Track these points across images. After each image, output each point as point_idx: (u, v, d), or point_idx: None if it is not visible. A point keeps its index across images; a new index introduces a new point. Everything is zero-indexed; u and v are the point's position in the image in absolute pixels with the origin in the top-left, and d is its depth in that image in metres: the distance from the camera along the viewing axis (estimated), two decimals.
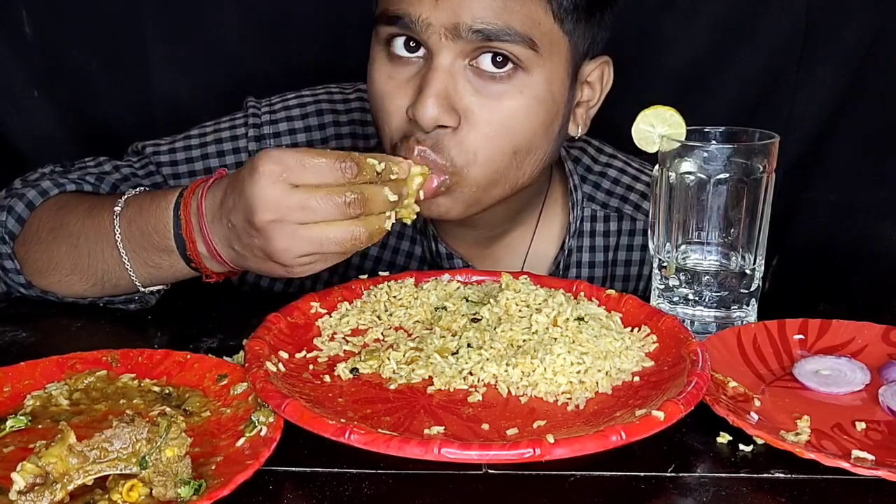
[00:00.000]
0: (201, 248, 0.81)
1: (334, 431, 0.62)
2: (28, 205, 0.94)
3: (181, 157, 1.06)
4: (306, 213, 0.72)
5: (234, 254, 0.79)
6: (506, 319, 0.80)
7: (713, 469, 0.65)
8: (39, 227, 0.93)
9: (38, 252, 0.92)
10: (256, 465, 0.60)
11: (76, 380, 0.74)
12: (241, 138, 1.07)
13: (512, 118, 0.86)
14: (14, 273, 0.93)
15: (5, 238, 0.93)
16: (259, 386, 0.68)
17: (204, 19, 1.37)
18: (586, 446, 0.61)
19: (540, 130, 0.88)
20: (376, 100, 0.89)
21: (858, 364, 0.78)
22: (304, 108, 1.08)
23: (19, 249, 0.93)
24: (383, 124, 0.89)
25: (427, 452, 0.60)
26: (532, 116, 0.87)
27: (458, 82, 0.84)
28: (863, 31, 1.35)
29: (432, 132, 0.84)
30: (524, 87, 0.85)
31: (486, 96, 0.85)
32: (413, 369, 0.75)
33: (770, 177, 0.85)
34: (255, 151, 1.03)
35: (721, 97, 1.41)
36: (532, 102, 0.86)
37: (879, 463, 0.64)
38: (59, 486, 0.57)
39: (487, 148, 0.86)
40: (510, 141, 0.87)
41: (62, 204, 0.94)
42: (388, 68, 0.87)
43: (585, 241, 1.09)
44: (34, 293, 0.93)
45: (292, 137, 1.07)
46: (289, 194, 0.72)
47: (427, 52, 0.85)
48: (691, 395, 0.67)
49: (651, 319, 0.82)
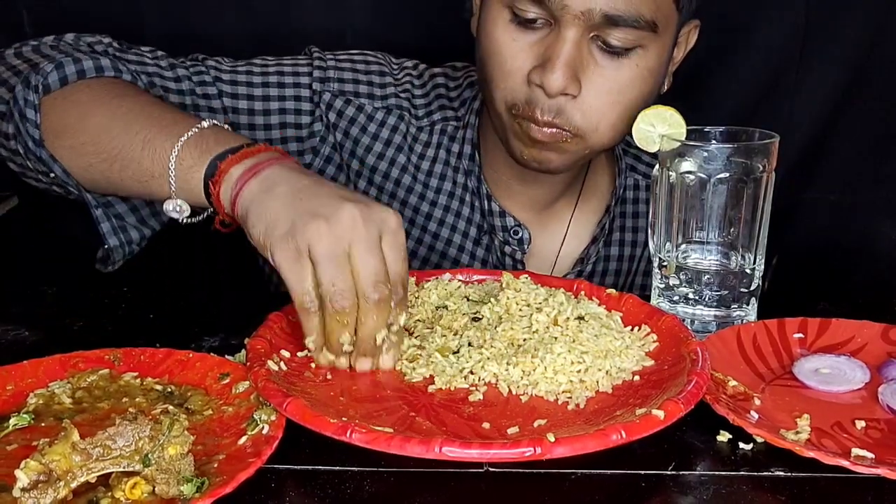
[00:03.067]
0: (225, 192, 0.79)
1: (336, 430, 0.62)
2: (80, 73, 0.90)
3: (242, 91, 1.04)
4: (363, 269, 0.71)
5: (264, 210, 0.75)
6: (506, 318, 0.80)
7: (713, 467, 0.65)
8: (78, 92, 0.89)
9: (65, 113, 0.88)
10: (258, 463, 0.61)
11: (79, 378, 0.74)
12: (304, 76, 1.07)
13: (628, 88, 0.93)
14: (32, 125, 0.87)
15: (38, 88, 0.88)
16: (261, 385, 0.68)
17: (204, 21, 1.37)
18: (587, 445, 0.61)
19: (648, 96, 0.96)
20: (495, 58, 0.94)
21: (858, 363, 0.79)
22: (369, 65, 1.10)
23: (45, 102, 0.88)
24: (499, 82, 0.95)
25: (428, 451, 0.60)
26: (644, 85, 0.94)
27: (582, 53, 0.90)
28: (863, 30, 1.35)
29: (554, 99, 0.91)
30: (640, 61, 0.92)
31: (605, 68, 0.92)
32: (414, 368, 0.75)
33: (770, 176, 0.86)
34: (320, 92, 1.06)
35: (721, 97, 1.41)
36: (646, 73, 0.93)
37: (879, 461, 0.64)
38: (62, 484, 0.57)
39: (605, 116, 0.93)
40: (625, 108, 0.94)
41: (112, 84, 0.91)
42: (512, 30, 0.92)
43: (628, 208, 1.15)
44: (39, 153, 0.87)
45: (355, 86, 1.08)
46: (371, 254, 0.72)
47: (555, 23, 0.90)
48: (691, 394, 0.67)
49: (651, 318, 0.83)
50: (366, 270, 0.71)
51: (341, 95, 1.07)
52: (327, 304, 0.71)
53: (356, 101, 1.08)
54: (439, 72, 1.14)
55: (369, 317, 0.72)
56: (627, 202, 1.15)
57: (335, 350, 0.74)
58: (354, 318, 0.72)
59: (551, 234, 1.12)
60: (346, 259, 0.71)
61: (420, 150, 1.10)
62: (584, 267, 1.12)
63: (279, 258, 0.72)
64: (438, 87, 1.12)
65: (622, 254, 1.15)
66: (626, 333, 0.80)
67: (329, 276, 0.70)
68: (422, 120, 1.10)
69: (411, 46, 1.19)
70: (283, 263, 0.72)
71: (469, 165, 1.09)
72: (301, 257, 0.71)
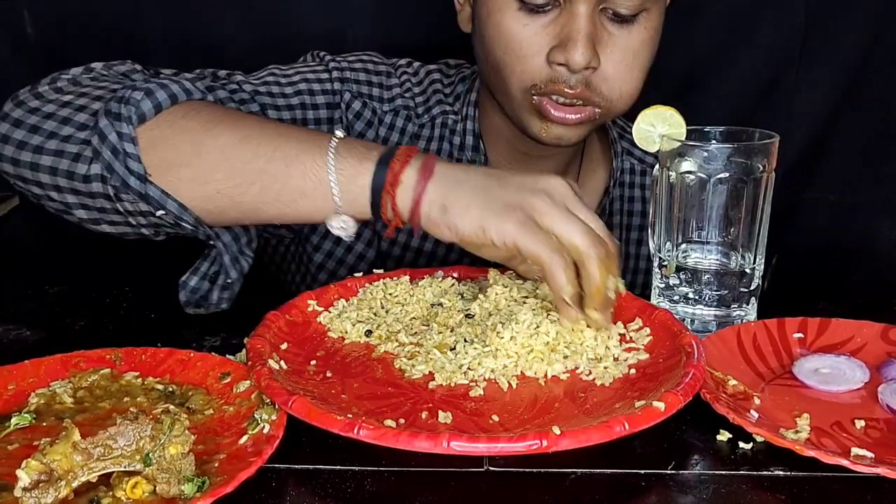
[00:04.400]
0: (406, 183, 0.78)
1: (343, 427, 0.62)
2: (171, 97, 0.83)
3: (276, 90, 1.02)
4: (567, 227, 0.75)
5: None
6: (495, 313, 0.81)
7: (713, 466, 0.65)
8: (180, 119, 0.82)
9: (177, 140, 0.81)
10: (259, 463, 0.61)
11: (80, 378, 0.74)
12: (324, 72, 1.07)
13: (641, 51, 0.97)
14: (134, 160, 0.79)
15: (132, 119, 0.80)
16: (264, 383, 0.68)
17: (205, 21, 1.37)
18: (591, 437, 0.61)
19: (653, 57, 1.00)
20: (510, 45, 0.96)
21: (858, 362, 0.79)
22: (377, 67, 1.11)
23: (143, 136, 0.81)
24: (515, 67, 0.96)
25: (436, 446, 0.60)
26: (653, 45, 0.99)
27: (596, 27, 0.93)
28: (862, 31, 1.36)
29: (579, 74, 0.94)
30: (647, 23, 0.96)
31: (619, 36, 0.95)
32: (413, 364, 0.75)
33: (770, 176, 0.86)
34: (341, 91, 1.06)
35: (721, 97, 1.41)
36: (653, 33, 0.98)
37: (878, 460, 0.64)
38: (63, 483, 0.57)
39: (626, 82, 0.97)
40: (640, 70, 0.98)
41: (210, 107, 0.86)
42: (521, 17, 0.95)
43: (626, 192, 1.18)
44: (143, 191, 0.80)
45: (369, 88, 1.09)
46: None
47: (564, 2, 0.93)
48: (689, 385, 0.68)
49: (644, 313, 0.83)
50: (595, 225, 0.77)
51: (359, 97, 1.08)
52: (585, 252, 0.75)
53: (371, 103, 1.08)
54: (434, 68, 1.15)
55: (603, 269, 0.76)
56: (625, 185, 1.17)
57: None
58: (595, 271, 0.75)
59: None
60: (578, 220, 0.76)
61: (422, 146, 1.11)
62: None
63: (512, 228, 0.74)
64: (434, 82, 1.13)
65: (622, 236, 1.17)
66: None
67: (577, 233, 0.75)
68: (422, 117, 1.11)
69: (411, 46, 1.20)
70: (519, 231, 0.74)
71: (473, 156, 1.10)
72: (532, 225, 0.75)
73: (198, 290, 0.87)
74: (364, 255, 1.11)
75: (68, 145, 0.82)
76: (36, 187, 0.84)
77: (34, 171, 0.83)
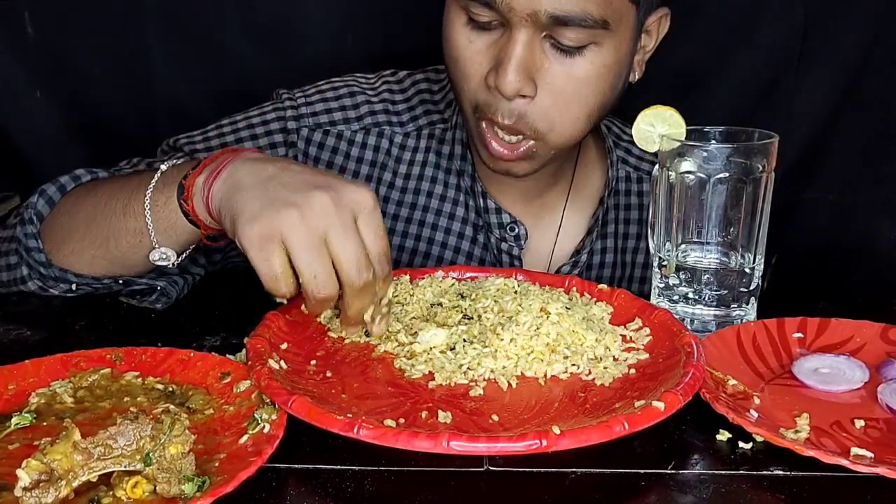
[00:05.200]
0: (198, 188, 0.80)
1: (343, 426, 0.62)
2: (59, 188, 0.95)
3: (216, 143, 1.07)
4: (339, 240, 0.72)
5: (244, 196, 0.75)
6: (496, 312, 0.81)
7: (713, 466, 0.65)
8: (64, 203, 0.94)
9: (58, 224, 0.93)
10: (259, 462, 0.61)
11: (80, 378, 0.74)
12: (274, 122, 1.09)
13: (585, 86, 0.93)
14: (36, 252, 0.92)
15: (34, 219, 0.93)
16: (264, 383, 0.68)
17: (206, 20, 1.37)
18: (591, 437, 0.62)
19: (609, 92, 0.96)
20: (455, 62, 0.95)
21: (857, 362, 0.79)
22: (337, 91, 1.11)
23: (43, 228, 0.93)
24: (462, 84, 0.96)
25: (436, 446, 0.60)
26: (602, 81, 0.93)
27: (535, 54, 0.90)
28: (862, 31, 1.35)
29: (512, 102, 0.91)
30: (595, 58, 0.91)
31: (560, 66, 0.91)
32: (413, 364, 0.76)
33: (769, 176, 0.86)
34: (297, 129, 1.08)
35: (721, 97, 1.41)
36: (602, 70, 0.92)
37: (878, 460, 0.64)
38: (63, 483, 0.57)
39: (564, 115, 0.93)
40: (584, 106, 0.94)
41: (93, 185, 0.95)
42: (468, 32, 0.93)
43: (621, 200, 1.16)
44: (52, 273, 0.92)
45: (329, 116, 1.10)
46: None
47: (507, 24, 0.90)
48: (689, 385, 0.68)
49: (644, 313, 0.83)
50: (345, 255, 0.71)
51: (318, 128, 1.09)
52: (310, 293, 0.72)
53: (334, 129, 1.09)
54: (421, 77, 1.14)
55: (355, 300, 0.73)
56: (620, 193, 1.15)
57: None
58: (338, 302, 0.74)
59: (545, 227, 1.13)
60: (324, 247, 0.71)
61: (408, 157, 1.10)
62: (580, 258, 1.12)
63: (245, 242, 0.71)
64: (422, 91, 1.13)
65: (618, 245, 1.15)
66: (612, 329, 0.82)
67: (308, 268, 0.71)
68: (406, 126, 1.11)
69: (412, 47, 1.20)
70: (250, 248, 0.71)
71: (461, 165, 1.10)
72: (269, 242, 0.71)
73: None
74: (424, 220, 1.11)
75: (10, 257, 0.95)
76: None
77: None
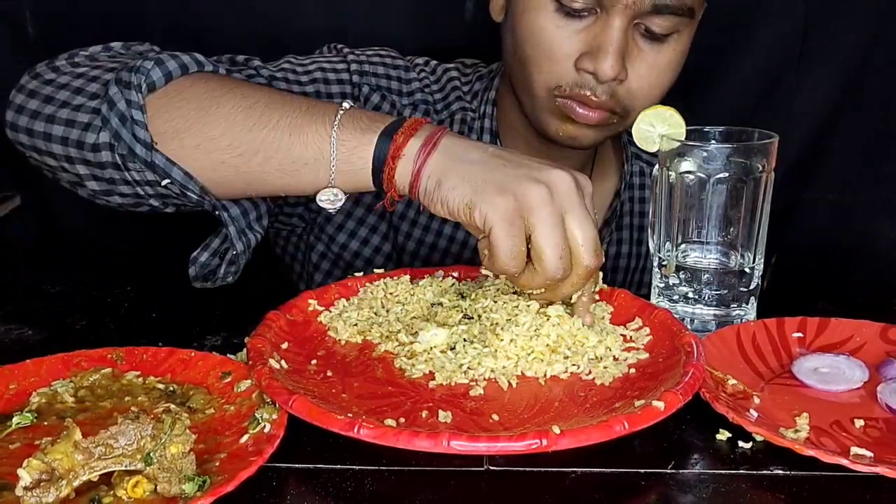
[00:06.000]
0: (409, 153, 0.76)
1: (343, 426, 0.62)
2: (182, 66, 0.83)
3: (292, 77, 1.03)
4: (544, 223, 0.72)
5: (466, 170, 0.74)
6: (495, 312, 0.81)
7: (712, 466, 0.65)
8: (188, 88, 0.82)
9: (175, 108, 0.80)
10: (260, 462, 0.61)
11: (81, 377, 0.74)
12: (343, 72, 1.07)
13: (667, 70, 0.99)
14: (141, 128, 0.78)
15: (142, 87, 0.79)
16: (265, 383, 0.68)
17: (206, 20, 1.37)
18: (591, 436, 0.62)
19: (677, 76, 1.02)
20: (541, 44, 0.97)
21: (857, 362, 0.79)
22: (395, 61, 1.12)
23: (151, 105, 0.80)
24: (543, 66, 0.98)
25: (436, 445, 0.61)
26: (678, 67, 1.00)
27: (628, 40, 0.95)
28: (861, 31, 1.36)
29: (605, 85, 0.95)
30: (677, 45, 0.98)
31: (648, 53, 0.97)
32: (413, 364, 0.76)
33: (769, 176, 0.86)
34: (360, 84, 1.07)
35: (721, 97, 1.41)
36: (680, 56, 1.00)
37: (878, 459, 0.64)
38: (64, 483, 0.57)
39: (647, 97, 0.98)
40: (662, 88, 1.00)
41: (219, 78, 0.85)
42: (558, 18, 0.95)
43: (636, 194, 1.19)
44: (149, 158, 0.79)
45: (388, 82, 1.10)
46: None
47: (601, 10, 0.93)
48: (689, 385, 0.68)
49: (644, 312, 0.83)
50: (584, 237, 0.73)
51: (378, 90, 1.08)
52: (550, 272, 0.72)
53: (390, 96, 1.09)
54: (451, 66, 1.16)
55: (581, 281, 0.75)
56: (635, 188, 1.19)
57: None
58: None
59: None
60: (563, 225, 0.73)
61: None
62: None
63: (494, 216, 0.71)
64: (452, 80, 1.14)
65: (633, 237, 1.18)
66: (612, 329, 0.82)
67: (556, 248, 0.72)
68: (441, 113, 1.12)
69: (412, 47, 1.20)
70: (500, 222, 0.71)
71: None
72: (518, 217, 0.72)
73: (207, 265, 0.87)
74: (380, 248, 1.12)
75: (79, 114, 0.81)
76: (50, 158, 0.84)
77: (47, 142, 0.82)
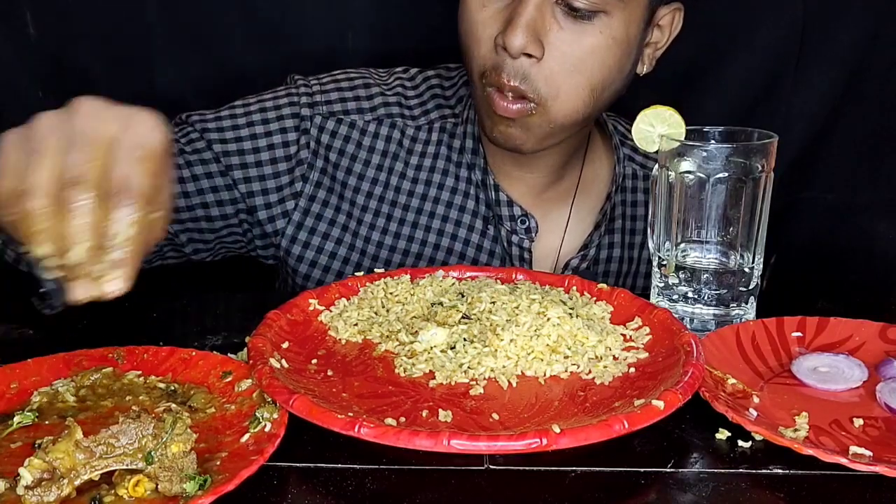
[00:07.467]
0: None
1: (343, 425, 0.62)
2: None
3: (230, 135, 1.07)
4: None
5: None
6: (495, 312, 0.81)
7: (712, 465, 0.66)
8: None
9: None
10: (261, 461, 0.61)
11: (82, 377, 0.75)
12: (286, 107, 1.09)
13: (591, 55, 0.94)
14: None
15: None
16: (266, 382, 0.68)
17: (207, 20, 1.37)
18: (591, 435, 0.62)
19: (615, 69, 0.96)
20: (468, 26, 0.97)
21: (856, 361, 0.79)
22: (352, 81, 1.12)
23: None
24: (473, 51, 0.97)
25: (436, 445, 0.61)
26: (609, 55, 0.95)
27: (545, 16, 0.92)
28: (860, 32, 1.36)
29: (518, 62, 0.92)
30: (604, 28, 0.93)
31: (569, 32, 0.93)
32: (414, 363, 0.76)
33: (768, 176, 0.86)
34: (310, 116, 1.08)
35: (720, 97, 1.41)
36: (611, 42, 0.94)
37: (877, 459, 0.64)
38: (65, 482, 0.57)
39: (568, 82, 0.94)
40: (588, 77, 0.95)
41: None
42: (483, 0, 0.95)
43: (628, 196, 1.17)
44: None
45: (343, 105, 1.10)
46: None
47: None
48: (689, 384, 0.68)
49: (643, 312, 0.84)
50: (138, 180, 0.63)
51: (332, 116, 1.10)
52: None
53: (347, 118, 1.10)
54: (433, 73, 1.16)
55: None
56: (627, 190, 1.17)
57: None
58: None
59: (554, 221, 1.14)
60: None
61: (420, 150, 1.11)
62: (588, 252, 1.13)
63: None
64: (433, 87, 1.14)
65: (625, 241, 1.17)
66: (612, 328, 0.82)
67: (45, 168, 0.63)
68: (419, 119, 1.12)
69: (412, 47, 1.20)
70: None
71: (472, 159, 1.11)
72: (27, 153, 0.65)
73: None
74: (434, 212, 1.12)
75: None
76: None
77: None
